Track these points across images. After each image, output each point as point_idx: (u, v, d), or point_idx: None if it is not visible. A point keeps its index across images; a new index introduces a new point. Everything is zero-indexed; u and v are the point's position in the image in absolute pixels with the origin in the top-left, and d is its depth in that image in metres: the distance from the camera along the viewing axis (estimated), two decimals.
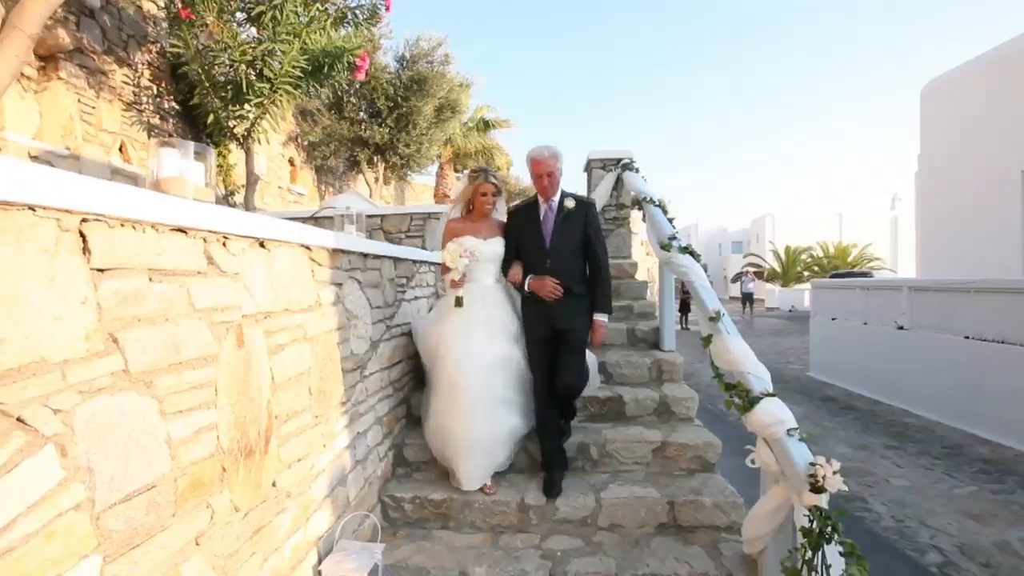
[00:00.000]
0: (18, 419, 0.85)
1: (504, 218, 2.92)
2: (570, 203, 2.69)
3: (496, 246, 2.79)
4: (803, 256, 25.56)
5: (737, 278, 23.53)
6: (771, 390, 2.15)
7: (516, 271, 2.73)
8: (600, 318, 2.66)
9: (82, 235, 1.00)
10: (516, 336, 2.75)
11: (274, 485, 1.62)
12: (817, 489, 1.74)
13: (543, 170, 2.65)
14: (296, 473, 1.76)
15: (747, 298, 20.10)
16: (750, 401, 2.10)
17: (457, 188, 2.97)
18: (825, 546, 1.70)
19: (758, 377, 2.21)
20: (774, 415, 2.00)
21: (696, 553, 2.29)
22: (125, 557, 1.04)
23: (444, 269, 2.77)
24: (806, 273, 24.70)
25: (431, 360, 2.80)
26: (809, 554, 1.72)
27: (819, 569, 1.69)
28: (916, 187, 8.78)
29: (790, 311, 22.64)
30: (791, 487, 1.88)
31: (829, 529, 1.70)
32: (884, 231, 30.06)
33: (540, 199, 2.73)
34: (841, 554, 1.69)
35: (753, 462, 2.11)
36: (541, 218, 2.71)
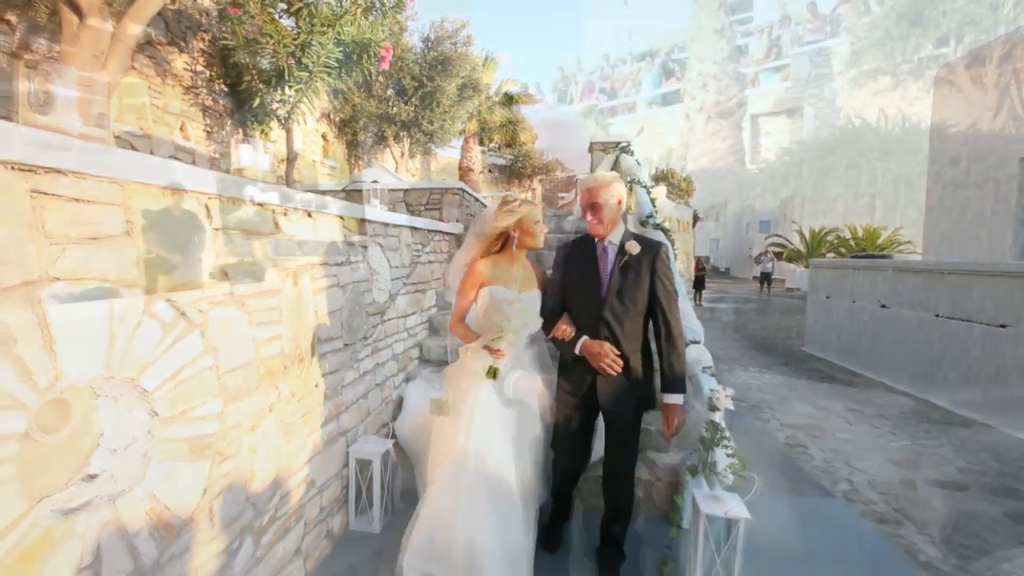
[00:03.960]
0: (182, 313, 1.51)
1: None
2: (633, 247, 2.07)
3: (535, 302, 2.22)
4: (829, 237, 25.16)
5: (760, 259, 23.42)
6: (699, 340, 2.72)
7: (566, 327, 2.13)
8: (674, 400, 2.09)
9: (207, 208, 1.63)
10: (542, 412, 2.30)
11: (316, 386, 2.29)
12: (712, 408, 2.32)
13: (585, 200, 2.11)
14: (331, 381, 2.43)
15: (765, 278, 20.17)
16: None
17: (483, 221, 2.31)
18: (715, 449, 2.28)
19: (692, 330, 2.77)
20: (694, 357, 2.58)
21: (637, 466, 2.90)
22: (233, 405, 1.72)
23: (456, 320, 2.25)
24: (830, 254, 24.35)
25: (440, 452, 2.20)
26: (705, 455, 2.31)
27: (709, 466, 2.28)
28: (928, 171, 8.87)
29: None
30: (702, 409, 2.46)
31: (719, 437, 2.28)
32: (921, 213, 29.16)
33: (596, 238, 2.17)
34: (727, 455, 2.27)
35: None
36: (598, 262, 2.13)
